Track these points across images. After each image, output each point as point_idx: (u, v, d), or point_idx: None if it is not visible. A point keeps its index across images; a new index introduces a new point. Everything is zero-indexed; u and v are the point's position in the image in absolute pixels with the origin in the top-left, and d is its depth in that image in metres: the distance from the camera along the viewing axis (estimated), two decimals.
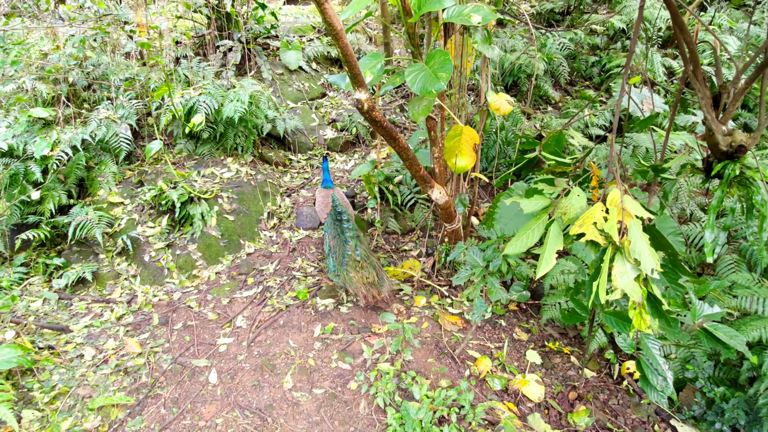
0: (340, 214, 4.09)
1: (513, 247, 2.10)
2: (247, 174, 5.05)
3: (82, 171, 4.63)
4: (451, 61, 2.56)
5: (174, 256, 4.28)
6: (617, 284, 1.75)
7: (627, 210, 1.75)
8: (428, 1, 2.61)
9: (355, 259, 3.74)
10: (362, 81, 2.34)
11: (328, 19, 2.05)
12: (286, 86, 6.40)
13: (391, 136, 2.75)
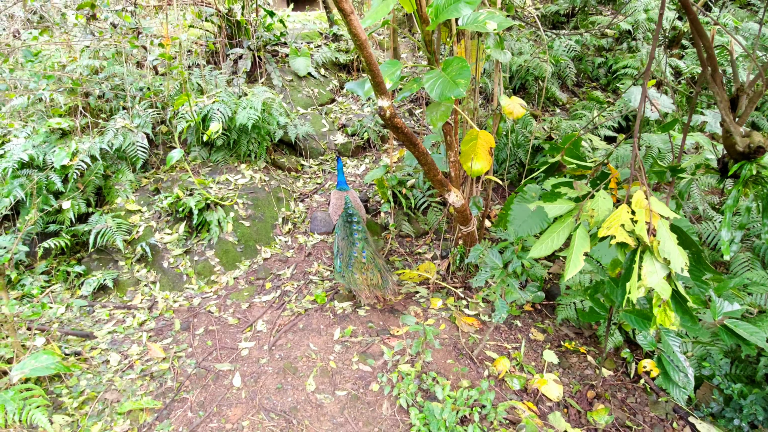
0: (351, 216, 4.14)
1: (538, 250, 2.15)
2: (261, 180, 5.12)
3: (100, 180, 4.71)
4: (468, 67, 2.62)
5: (192, 262, 4.35)
6: (647, 283, 1.80)
7: (654, 211, 1.80)
8: (446, 10, 2.66)
9: (361, 261, 3.81)
10: (385, 89, 2.40)
11: (353, 30, 2.11)
12: (296, 92, 6.48)
13: (411, 142, 2.80)
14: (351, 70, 7.49)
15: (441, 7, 2.70)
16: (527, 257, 2.83)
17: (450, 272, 4.30)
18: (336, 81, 7.12)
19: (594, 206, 1.96)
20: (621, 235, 1.83)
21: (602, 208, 1.92)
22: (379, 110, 2.52)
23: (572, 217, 2.07)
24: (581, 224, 2.02)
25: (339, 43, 7.44)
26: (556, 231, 2.11)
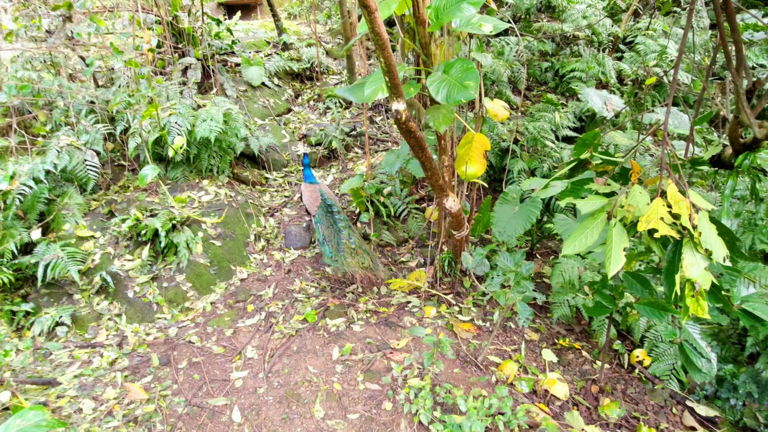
0: (330, 207, 4.34)
1: (571, 247, 2.12)
2: (227, 196, 4.80)
3: (43, 204, 4.19)
4: (475, 68, 2.58)
5: (161, 289, 3.96)
6: (688, 274, 1.82)
7: (695, 203, 1.83)
8: (448, 11, 2.61)
9: (350, 247, 4.03)
10: (401, 92, 2.29)
11: (376, 29, 1.99)
12: (252, 103, 6.19)
13: (420, 147, 2.71)
14: (304, 79, 7.30)
15: (442, 8, 2.64)
16: (561, 254, 2.82)
17: (437, 279, 4.24)
18: (290, 90, 6.90)
19: (631, 201, 1.95)
20: (663, 229, 1.83)
21: (640, 202, 1.93)
22: (395, 114, 2.40)
23: (604, 212, 2.06)
24: (615, 219, 2.02)
25: (290, 51, 7.22)
26: (588, 227, 2.09)
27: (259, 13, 10.87)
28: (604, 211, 2.06)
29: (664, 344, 3.57)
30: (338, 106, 6.56)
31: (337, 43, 8.41)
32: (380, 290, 4.12)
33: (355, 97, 3.06)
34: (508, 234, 3.81)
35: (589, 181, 2.36)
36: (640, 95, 6.11)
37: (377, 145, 6.07)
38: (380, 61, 2.13)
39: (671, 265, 1.83)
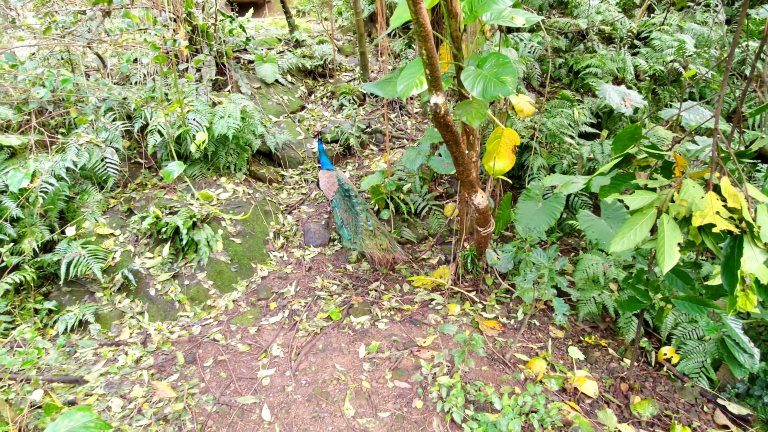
0: (347, 191, 4.41)
1: (619, 244, 2.08)
2: (245, 193, 4.77)
3: (63, 202, 4.17)
4: (511, 63, 2.54)
5: (183, 287, 3.94)
6: (746, 269, 1.78)
7: (752, 196, 1.79)
8: (483, 4, 2.57)
9: (368, 229, 4.14)
10: (440, 85, 2.25)
11: (421, 20, 1.95)
12: (266, 100, 6.15)
13: (455, 141, 2.67)
14: (317, 76, 7.26)
15: (476, 1, 2.60)
16: (609, 252, 2.78)
17: (459, 276, 4.20)
18: (303, 87, 6.86)
19: (684, 195, 1.92)
20: (722, 223, 1.80)
21: (694, 196, 1.89)
22: (434, 107, 2.37)
23: (653, 208, 2.03)
24: (666, 215, 1.98)
25: (302, 49, 7.18)
26: (637, 223, 2.06)
27: (267, 9, 10.83)
28: (653, 206, 2.03)
29: (693, 341, 3.54)
30: (352, 103, 6.53)
31: (347, 41, 8.36)
32: (403, 287, 4.09)
33: (385, 93, 3.03)
34: (533, 230, 3.78)
35: (630, 176, 2.32)
36: (658, 90, 6.06)
37: (393, 143, 6.03)
38: (422, 53, 2.09)
39: (730, 260, 1.80)
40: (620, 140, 2.36)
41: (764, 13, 7.23)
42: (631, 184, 2.34)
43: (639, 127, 2.24)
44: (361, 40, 6.69)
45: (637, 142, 2.26)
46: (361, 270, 4.30)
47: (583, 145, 5.07)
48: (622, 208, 3.66)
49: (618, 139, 2.35)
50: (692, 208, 1.88)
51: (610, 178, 2.39)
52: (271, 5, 10.94)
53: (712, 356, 3.46)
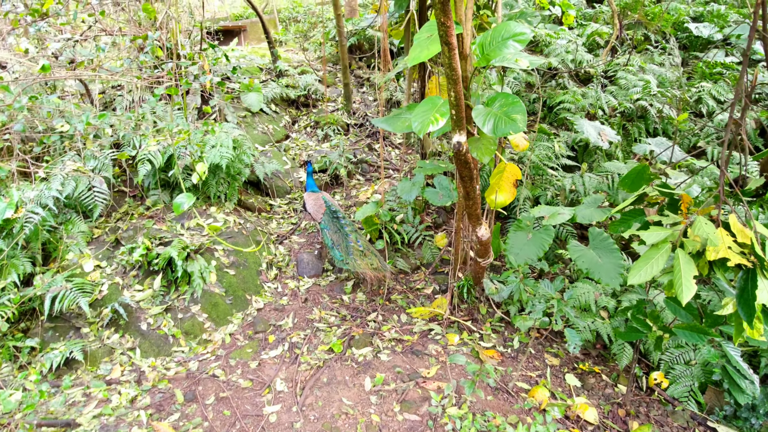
0: (335, 213, 4.51)
1: (637, 277, 2.21)
2: (236, 223, 4.71)
3: (46, 233, 3.99)
4: (521, 102, 2.68)
5: (176, 321, 3.81)
6: (760, 301, 1.93)
7: (760, 232, 1.95)
8: (495, 48, 2.71)
9: (358, 249, 4.23)
10: (464, 125, 2.35)
11: (454, 65, 2.05)
12: (252, 129, 6.14)
13: (471, 178, 2.77)
14: (299, 106, 7.31)
15: (488, 44, 2.75)
16: (628, 283, 2.89)
17: (455, 305, 4.27)
18: (287, 117, 6.90)
19: (698, 231, 2.07)
20: (735, 258, 1.95)
21: (707, 232, 2.04)
22: (458, 146, 2.46)
23: (668, 243, 2.17)
24: (681, 249, 2.12)
25: (286, 78, 7.24)
26: (653, 257, 2.19)
27: (243, 38, 10.88)
28: (667, 241, 2.17)
29: (681, 366, 3.71)
30: (337, 133, 6.60)
31: (327, 71, 8.49)
32: (401, 318, 4.11)
33: (394, 128, 3.12)
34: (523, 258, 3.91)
35: (640, 212, 2.48)
36: (628, 126, 6.46)
37: (378, 172, 6.12)
38: (450, 95, 2.19)
39: (745, 292, 1.94)
40: (628, 178, 2.52)
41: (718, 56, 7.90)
42: (640, 220, 2.49)
43: (647, 166, 2.41)
44: (345, 72, 6.83)
45: (650, 182, 2.42)
46: (357, 300, 4.30)
47: (565, 177, 5.32)
48: (609, 239, 3.84)
49: (626, 177, 2.52)
50: (706, 243, 2.03)
51: (621, 214, 2.53)
52: (246, 34, 10.99)
53: (699, 380, 3.63)
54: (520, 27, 2.66)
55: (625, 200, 2.57)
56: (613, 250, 3.73)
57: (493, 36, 2.70)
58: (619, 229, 2.55)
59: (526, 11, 4.21)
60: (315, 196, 4.64)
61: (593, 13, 9.42)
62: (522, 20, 4.42)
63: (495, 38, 2.71)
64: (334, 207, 4.55)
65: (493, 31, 2.69)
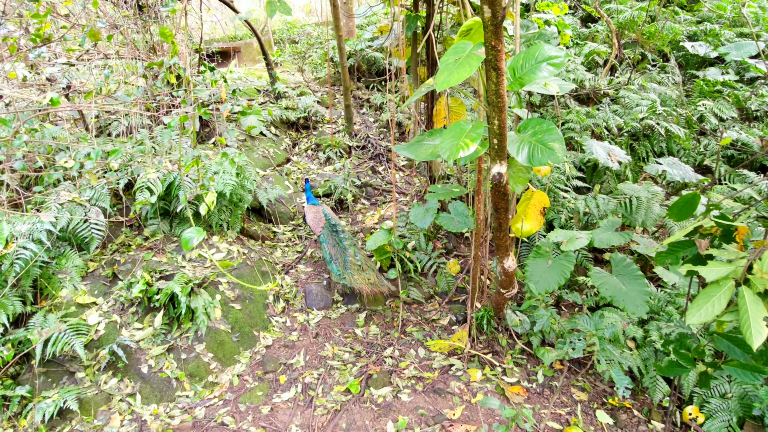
0: (334, 226, 4.52)
1: (696, 316, 2.03)
2: (240, 253, 4.47)
3: (38, 268, 3.72)
4: (557, 129, 2.52)
5: (180, 362, 3.55)
6: None
7: None
8: (527, 72, 2.56)
9: (356, 263, 4.23)
10: (505, 155, 2.18)
11: (500, 91, 1.89)
12: (252, 153, 5.94)
13: (506, 209, 2.60)
14: (299, 128, 7.15)
15: (520, 68, 2.59)
16: (687, 323, 2.71)
17: (474, 337, 4.05)
18: (288, 139, 6.72)
19: (766, 269, 1.90)
20: None
21: None
22: (498, 177, 2.29)
23: (731, 279, 2.00)
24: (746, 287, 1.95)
25: (285, 100, 7.08)
26: (713, 295, 2.02)
27: (237, 60, 10.75)
28: (729, 278, 2.00)
29: (716, 399, 3.52)
30: (339, 156, 6.43)
31: (325, 92, 8.37)
32: (418, 352, 3.88)
33: (417, 156, 2.94)
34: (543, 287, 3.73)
35: (690, 243, 2.31)
36: (635, 146, 6.38)
37: (383, 196, 5.94)
38: (493, 123, 2.02)
39: None
40: (676, 207, 2.36)
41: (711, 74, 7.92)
42: (690, 252, 2.32)
43: (697, 195, 2.25)
44: (346, 93, 6.69)
45: (708, 213, 2.26)
46: (371, 334, 4.07)
47: (578, 200, 5.19)
48: (633, 265, 3.68)
49: (674, 206, 2.36)
50: None
51: (668, 245, 2.36)
52: (241, 55, 10.87)
53: (737, 414, 3.45)
54: (554, 50, 2.52)
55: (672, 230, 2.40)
56: (637, 276, 3.57)
57: (525, 59, 2.55)
58: (665, 262, 2.38)
59: (544, 33, 4.10)
60: (315, 209, 4.66)
61: (588, 33, 9.45)
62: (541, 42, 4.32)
63: (528, 61, 2.56)
64: (333, 220, 4.54)
65: (525, 54, 2.54)
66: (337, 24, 6.17)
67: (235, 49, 11.00)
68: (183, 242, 2.76)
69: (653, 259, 2.44)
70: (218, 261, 4.30)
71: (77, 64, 4.50)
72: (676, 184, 6.15)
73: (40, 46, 3.14)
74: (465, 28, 2.57)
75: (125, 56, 5.01)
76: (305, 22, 12.05)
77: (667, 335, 3.64)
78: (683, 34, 8.67)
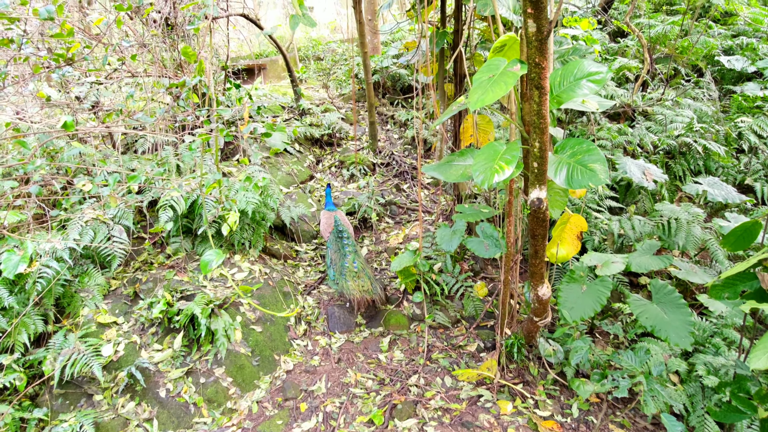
0: (341, 233, 4.53)
1: (764, 360, 1.82)
2: (261, 272, 4.39)
3: (60, 287, 3.69)
4: (598, 149, 2.36)
5: (198, 386, 3.45)
6: None
7: None
8: (567, 89, 2.41)
9: (353, 270, 4.24)
10: (545, 179, 2.03)
11: (543, 112, 1.75)
12: (276, 170, 5.90)
13: (544, 236, 2.44)
14: (323, 145, 7.10)
15: (558, 85, 2.44)
16: (749, 369, 2.50)
17: (503, 366, 3.85)
18: (311, 156, 6.67)
19: None
20: None
21: None
22: (537, 202, 2.13)
23: None
24: None
25: (310, 117, 7.06)
26: None
27: (263, 76, 10.84)
28: None
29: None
30: (363, 174, 6.34)
31: (349, 108, 8.33)
32: (445, 381, 3.70)
33: (447, 177, 2.81)
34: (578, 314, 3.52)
35: (751, 276, 2.11)
36: (671, 164, 6.12)
37: (408, 215, 5.80)
38: (534, 145, 1.88)
39: None
40: (733, 236, 2.16)
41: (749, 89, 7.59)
42: (750, 286, 2.12)
43: (759, 223, 2.05)
44: (371, 110, 6.62)
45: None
46: (395, 360, 3.90)
47: (612, 221, 4.96)
48: (675, 292, 3.46)
49: (731, 234, 2.16)
50: None
51: (725, 278, 2.16)
52: (266, 72, 10.97)
53: None
54: (594, 66, 2.37)
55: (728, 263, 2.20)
56: (680, 305, 3.34)
57: (563, 75, 2.40)
58: (723, 296, 2.18)
59: (578, 48, 3.95)
60: (329, 214, 4.70)
61: (618, 48, 9.23)
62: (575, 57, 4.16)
63: (566, 77, 2.41)
64: (341, 227, 4.57)
65: (564, 70, 2.40)
66: (362, 41, 6.13)
67: (260, 66, 11.12)
68: (202, 265, 2.67)
69: (703, 287, 2.24)
70: (240, 281, 4.22)
71: (105, 82, 4.53)
72: (716, 204, 5.86)
73: (63, 66, 3.13)
74: (499, 44, 2.45)
75: (152, 74, 5.04)
76: (330, 39, 12.14)
77: (715, 370, 3.38)
78: (718, 48, 8.37)
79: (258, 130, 3.40)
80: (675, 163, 6.13)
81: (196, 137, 3.32)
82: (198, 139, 3.17)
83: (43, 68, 3.13)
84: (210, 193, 4.30)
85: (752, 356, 1.83)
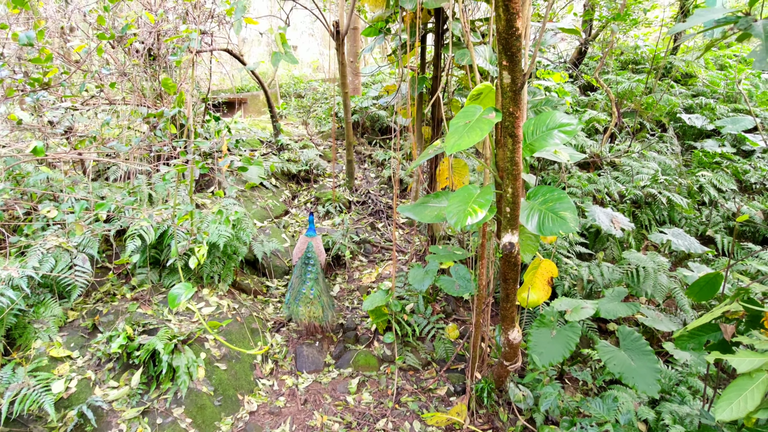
0: (308, 259, 4.49)
1: (727, 412, 1.84)
2: (230, 308, 4.27)
3: (13, 317, 3.50)
4: (568, 197, 2.43)
5: (154, 428, 3.26)
6: None
7: None
8: (539, 139, 2.50)
9: (308, 297, 4.29)
10: (518, 224, 2.07)
11: (516, 158, 1.79)
12: (250, 204, 5.85)
13: (515, 280, 2.46)
14: (300, 181, 7.11)
15: (531, 134, 2.54)
16: (714, 420, 2.50)
17: (473, 411, 3.79)
18: (287, 191, 6.65)
19: None
20: None
21: None
22: (509, 247, 2.16)
23: (766, 372, 1.83)
24: None
25: (288, 153, 7.09)
26: (746, 388, 1.84)
27: (243, 110, 10.91)
28: (763, 370, 1.83)
29: None
30: (339, 211, 6.34)
31: (328, 146, 8.42)
32: (413, 425, 3.61)
33: (422, 218, 2.84)
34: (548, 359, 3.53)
35: (714, 327, 2.16)
36: (637, 213, 6.34)
37: (382, 254, 5.80)
38: (507, 190, 1.93)
39: None
40: (697, 286, 2.23)
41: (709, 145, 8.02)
42: (713, 337, 2.17)
43: (720, 275, 2.13)
44: (349, 149, 6.70)
45: (736, 298, 2.12)
46: (363, 403, 3.79)
47: (581, 266, 5.05)
48: (641, 339, 3.51)
49: (695, 285, 2.22)
50: None
51: (690, 329, 2.21)
52: (247, 106, 11.05)
53: None
54: (565, 117, 2.47)
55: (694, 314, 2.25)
56: (646, 352, 3.39)
57: (536, 125, 2.50)
58: (688, 346, 2.22)
59: (551, 99, 4.13)
60: (305, 239, 4.61)
61: (588, 101, 9.68)
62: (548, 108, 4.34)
63: (539, 127, 2.51)
64: (311, 253, 4.53)
65: (537, 120, 2.50)
66: (343, 81, 6.27)
67: (241, 101, 11.20)
68: (170, 299, 2.59)
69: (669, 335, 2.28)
70: (207, 315, 4.09)
71: (81, 108, 4.48)
72: (680, 253, 6.06)
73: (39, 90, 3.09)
74: (476, 92, 2.54)
75: (131, 103, 5.01)
76: (312, 78, 12.37)
77: (681, 419, 3.40)
78: (680, 106, 8.87)
79: (235, 164, 3.36)
80: (641, 213, 6.35)
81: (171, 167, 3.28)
82: (173, 169, 3.12)
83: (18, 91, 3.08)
84: (182, 224, 4.22)
85: (717, 407, 1.86)
